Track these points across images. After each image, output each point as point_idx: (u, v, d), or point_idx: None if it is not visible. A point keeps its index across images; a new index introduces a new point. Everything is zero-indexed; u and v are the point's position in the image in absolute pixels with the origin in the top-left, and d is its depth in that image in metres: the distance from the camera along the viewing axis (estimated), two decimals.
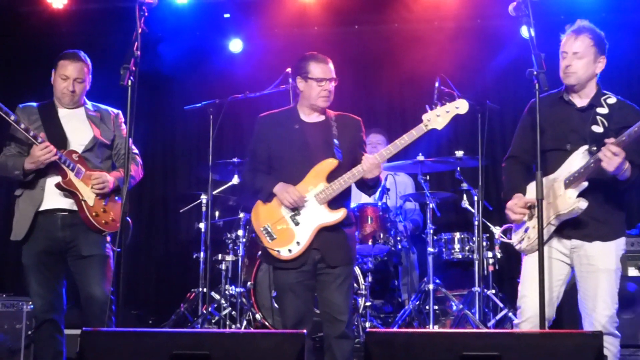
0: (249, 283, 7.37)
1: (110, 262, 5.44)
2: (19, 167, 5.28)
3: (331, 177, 5.16)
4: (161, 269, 9.71)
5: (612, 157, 4.41)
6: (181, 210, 8.55)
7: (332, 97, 5.31)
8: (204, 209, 7.91)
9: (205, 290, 7.63)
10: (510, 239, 5.01)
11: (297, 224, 5.17)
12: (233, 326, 7.53)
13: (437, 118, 5.07)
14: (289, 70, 7.07)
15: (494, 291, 7.54)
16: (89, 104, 5.65)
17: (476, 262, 7.47)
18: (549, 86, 4.57)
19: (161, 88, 9.54)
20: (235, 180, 8.01)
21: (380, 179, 5.28)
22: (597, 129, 4.66)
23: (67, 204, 5.36)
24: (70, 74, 5.47)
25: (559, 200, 4.64)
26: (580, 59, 4.70)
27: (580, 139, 4.69)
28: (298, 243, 5.13)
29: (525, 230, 4.83)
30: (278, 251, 5.15)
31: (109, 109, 5.73)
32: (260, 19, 9.47)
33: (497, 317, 7.35)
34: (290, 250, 5.14)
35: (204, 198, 7.92)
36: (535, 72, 4.41)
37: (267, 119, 5.42)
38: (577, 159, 4.64)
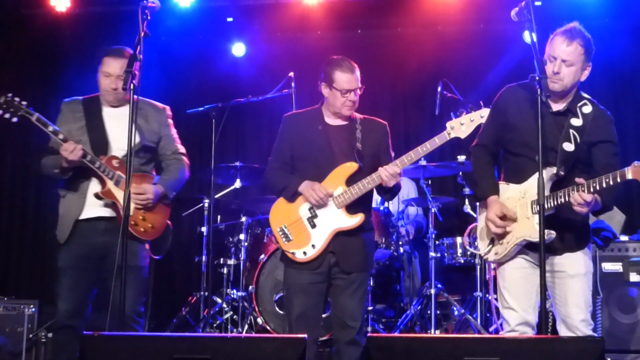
0: (250, 287, 7.37)
1: (145, 273, 5.39)
2: (57, 165, 5.18)
3: (351, 180, 5.09)
4: (163, 273, 9.71)
5: (584, 205, 4.36)
6: (183, 214, 8.55)
7: (356, 105, 5.23)
8: (206, 212, 7.91)
9: (207, 294, 7.62)
10: (474, 241, 4.98)
11: (313, 226, 5.11)
12: (234, 330, 7.53)
13: (461, 127, 4.97)
14: (291, 74, 7.09)
15: (495, 296, 7.52)
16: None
17: (478, 267, 7.47)
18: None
19: (164, 91, 9.53)
20: (238, 184, 8.02)
21: (399, 184, 5.21)
22: (569, 147, 4.56)
23: (107, 212, 5.28)
24: (113, 70, 5.31)
25: (528, 224, 4.57)
26: (569, 66, 4.57)
27: (551, 152, 4.58)
28: (313, 246, 5.08)
29: (492, 241, 4.79)
30: (293, 253, 5.11)
31: (156, 105, 5.60)
32: (263, 23, 9.49)
33: (499, 322, 7.34)
34: (305, 253, 5.08)
35: (206, 202, 7.92)
36: (537, 78, 4.38)
37: (292, 118, 5.37)
38: (545, 181, 4.44)
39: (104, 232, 5.28)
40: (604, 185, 4.30)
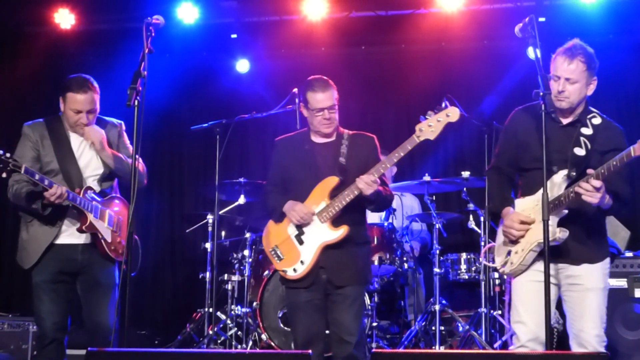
0: (254, 303, 7.34)
1: (117, 291, 5.37)
2: (37, 202, 5.14)
3: (335, 195, 5.12)
4: (167, 289, 9.71)
5: (593, 192, 4.34)
6: (187, 230, 8.55)
7: (335, 122, 5.27)
8: (210, 229, 7.90)
9: (211, 310, 7.61)
10: (492, 262, 4.97)
11: (301, 243, 5.17)
12: (239, 347, 7.51)
13: (429, 128, 5.01)
14: (295, 90, 7.09)
15: (500, 312, 7.50)
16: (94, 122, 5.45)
17: (482, 283, 7.44)
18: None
19: (168, 108, 9.56)
20: (242, 200, 8.01)
21: (381, 193, 5.15)
22: (580, 151, 4.59)
23: (84, 239, 5.29)
24: (83, 107, 5.27)
25: (540, 227, 4.53)
26: (573, 84, 4.60)
27: (563, 160, 4.61)
28: (302, 262, 5.13)
29: (508, 254, 4.78)
30: (285, 271, 5.17)
31: (113, 120, 5.56)
32: (267, 40, 9.51)
33: (504, 338, 7.30)
34: (295, 270, 5.14)
35: (210, 218, 7.92)
36: (541, 94, 4.39)
37: (282, 142, 5.44)
38: (557, 184, 4.55)
39: (82, 252, 5.30)
40: (612, 168, 4.31)
